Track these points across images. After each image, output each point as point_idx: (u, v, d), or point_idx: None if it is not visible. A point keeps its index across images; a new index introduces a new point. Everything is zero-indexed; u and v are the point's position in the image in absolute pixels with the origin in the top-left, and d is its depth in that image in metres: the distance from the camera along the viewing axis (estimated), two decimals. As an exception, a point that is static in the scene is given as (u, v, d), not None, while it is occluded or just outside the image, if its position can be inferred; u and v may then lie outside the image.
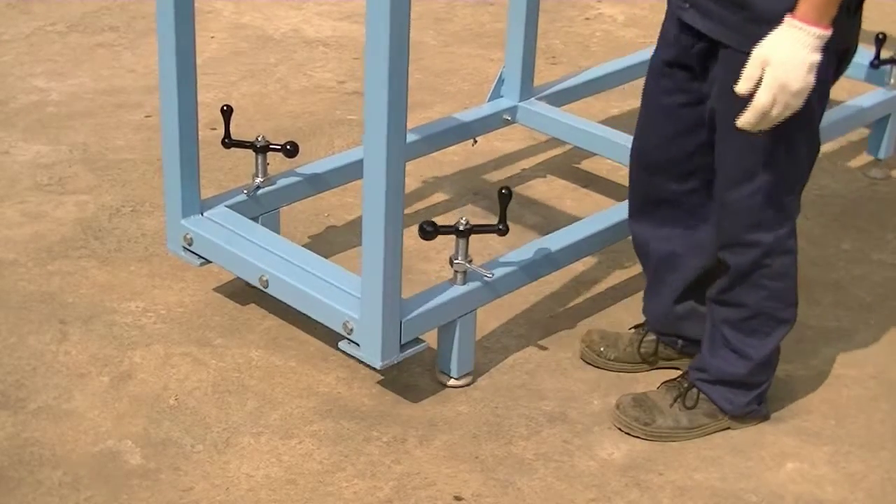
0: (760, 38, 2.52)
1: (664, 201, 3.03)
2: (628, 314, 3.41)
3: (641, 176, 3.04)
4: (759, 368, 2.96)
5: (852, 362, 3.31)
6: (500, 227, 3.05)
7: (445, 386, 3.16)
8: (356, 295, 2.99)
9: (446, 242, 3.17)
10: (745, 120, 2.57)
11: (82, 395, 3.08)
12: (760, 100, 2.51)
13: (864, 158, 4.34)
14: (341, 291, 3.06)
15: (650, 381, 3.20)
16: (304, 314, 3.30)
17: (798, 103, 2.52)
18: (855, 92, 4.51)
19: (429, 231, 3.02)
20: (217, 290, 3.52)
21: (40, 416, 3.00)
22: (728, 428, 3.03)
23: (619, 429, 2.99)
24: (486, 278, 3.09)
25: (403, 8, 2.61)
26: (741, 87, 2.54)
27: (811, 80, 2.50)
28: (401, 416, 3.06)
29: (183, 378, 3.16)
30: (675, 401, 2.99)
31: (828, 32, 2.49)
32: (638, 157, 3.04)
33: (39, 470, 2.84)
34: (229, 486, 2.82)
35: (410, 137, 3.79)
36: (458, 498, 2.82)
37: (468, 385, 3.17)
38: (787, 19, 2.50)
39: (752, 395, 2.99)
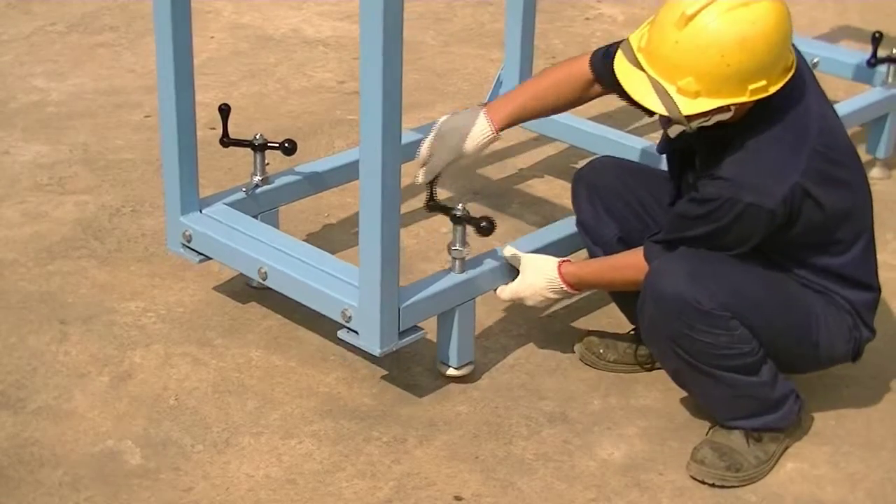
0: None
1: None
2: (628, 314, 3.41)
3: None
4: (774, 383, 2.90)
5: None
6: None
7: (445, 376, 3.16)
8: (354, 284, 3.00)
9: (446, 243, 3.17)
10: (501, 293, 3.16)
11: (82, 395, 3.08)
12: (506, 292, 3.15)
13: (864, 158, 4.33)
14: (339, 281, 3.06)
15: (651, 382, 3.21)
16: (304, 315, 3.30)
17: (536, 303, 3.14)
18: (852, 91, 4.51)
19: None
20: (217, 289, 3.52)
21: (40, 416, 3.00)
22: (787, 446, 3.00)
23: (713, 484, 2.86)
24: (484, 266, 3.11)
25: (396, 8, 2.62)
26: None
27: (542, 304, 3.15)
28: (401, 416, 3.06)
29: (183, 378, 3.16)
30: (747, 440, 2.91)
31: (573, 293, 3.10)
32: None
33: (39, 470, 2.84)
34: (229, 486, 2.82)
35: (411, 137, 3.79)
36: (458, 498, 2.82)
37: (468, 375, 3.16)
38: (558, 264, 3.07)
39: (792, 396, 2.95)
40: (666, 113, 2.70)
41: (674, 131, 2.80)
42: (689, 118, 2.70)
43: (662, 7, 2.72)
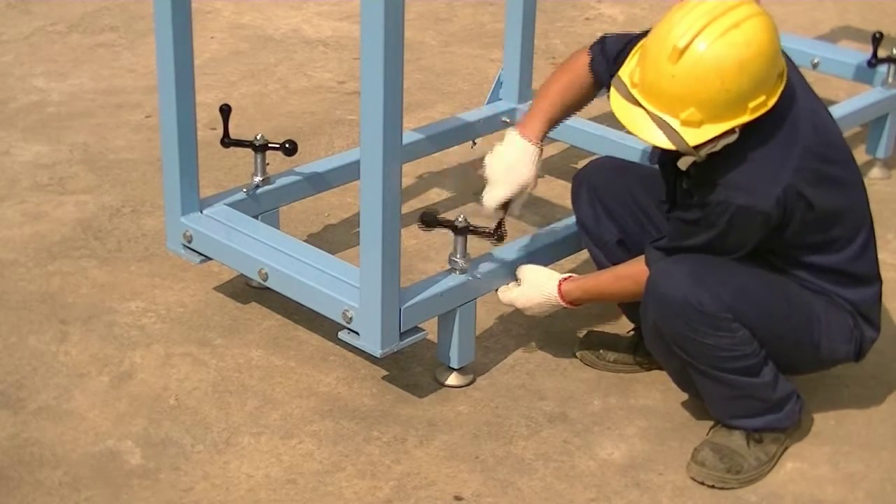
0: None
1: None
2: (628, 314, 3.41)
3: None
4: (775, 384, 2.90)
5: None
6: (499, 231, 3.06)
7: (444, 385, 3.16)
8: (355, 285, 3.00)
9: (446, 243, 3.17)
10: (501, 296, 3.16)
11: (82, 395, 3.08)
12: (505, 297, 3.15)
13: (864, 158, 4.34)
14: (340, 281, 3.06)
15: (651, 382, 3.21)
16: (304, 315, 3.30)
17: (533, 314, 3.16)
18: (853, 91, 4.51)
19: (427, 221, 3.04)
20: (217, 289, 3.52)
21: (40, 416, 3.00)
22: (787, 447, 3.00)
23: (713, 486, 2.86)
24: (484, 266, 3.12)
25: (397, 8, 2.63)
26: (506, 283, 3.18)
27: (539, 316, 3.18)
28: (401, 416, 3.06)
29: (183, 378, 3.16)
30: (748, 441, 2.91)
31: (569, 307, 3.08)
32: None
33: (39, 470, 2.84)
34: (229, 486, 2.82)
35: (411, 138, 3.80)
36: (458, 498, 2.82)
37: (469, 384, 3.17)
38: (559, 280, 3.07)
39: (793, 396, 2.94)
40: (674, 147, 2.69)
41: (684, 163, 2.80)
42: (698, 147, 2.70)
43: (649, 42, 2.71)
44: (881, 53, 4.28)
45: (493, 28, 5.52)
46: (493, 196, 3.02)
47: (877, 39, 4.26)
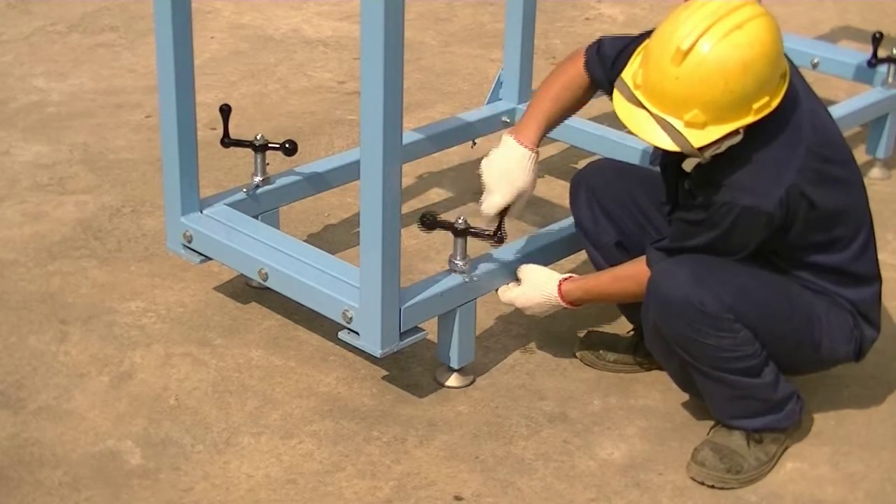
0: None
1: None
2: (628, 314, 3.41)
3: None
4: (776, 384, 2.90)
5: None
6: (499, 234, 3.05)
7: (444, 385, 3.16)
8: (355, 285, 3.00)
9: (446, 243, 3.17)
10: (501, 295, 3.16)
11: (82, 395, 3.08)
12: (505, 296, 3.15)
13: (864, 158, 4.34)
14: (340, 281, 3.06)
15: (651, 382, 3.21)
16: (304, 315, 3.30)
17: (533, 314, 3.16)
18: (853, 91, 4.51)
19: (427, 223, 3.03)
20: (217, 289, 3.52)
21: (40, 416, 3.00)
22: (787, 447, 3.00)
23: (713, 486, 2.86)
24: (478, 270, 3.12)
25: (397, 8, 2.63)
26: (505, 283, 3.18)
27: (539, 316, 3.18)
28: (401, 416, 3.06)
29: (183, 378, 3.16)
30: (748, 441, 2.91)
31: (569, 307, 3.09)
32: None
33: (39, 470, 2.84)
34: (229, 486, 2.82)
35: (410, 138, 3.80)
36: (458, 498, 2.82)
37: (469, 385, 3.17)
38: (559, 280, 3.07)
39: (794, 396, 2.94)
40: (678, 149, 2.69)
41: (689, 164, 2.79)
42: (702, 149, 2.69)
43: (652, 43, 2.70)
44: (881, 53, 4.28)
45: (493, 28, 5.52)
46: (490, 203, 3.01)
47: (877, 39, 4.26)
